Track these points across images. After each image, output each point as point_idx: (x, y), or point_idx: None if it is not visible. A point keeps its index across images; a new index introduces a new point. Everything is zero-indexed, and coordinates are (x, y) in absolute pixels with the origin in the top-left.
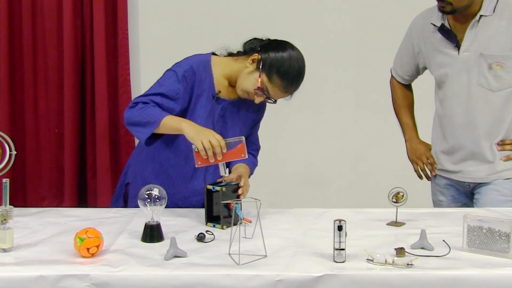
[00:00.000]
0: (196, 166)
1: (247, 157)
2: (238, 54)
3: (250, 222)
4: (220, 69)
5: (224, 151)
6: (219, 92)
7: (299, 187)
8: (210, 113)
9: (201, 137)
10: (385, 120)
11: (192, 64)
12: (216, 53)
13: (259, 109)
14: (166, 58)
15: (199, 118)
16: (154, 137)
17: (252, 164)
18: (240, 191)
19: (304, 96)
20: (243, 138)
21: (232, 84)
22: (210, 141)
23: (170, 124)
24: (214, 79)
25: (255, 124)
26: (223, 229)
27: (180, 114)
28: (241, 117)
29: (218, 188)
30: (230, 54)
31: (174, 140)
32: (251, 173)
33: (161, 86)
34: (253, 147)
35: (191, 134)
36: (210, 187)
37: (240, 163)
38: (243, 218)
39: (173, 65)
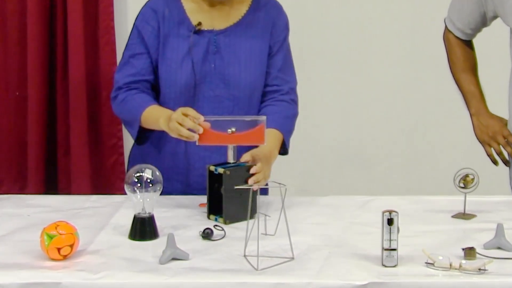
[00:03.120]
0: (197, 143)
1: (265, 144)
2: None
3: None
4: None
5: (199, 120)
6: (199, 23)
7: (336, 167)
8: (187, 53)
9: (170, 126)
10: (450, 81)
11: (151, 5)
12: None
13: (273, 29)
14: None
15: (172, 63)
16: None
17: (286, 119)
18: (250, 181)
19: (343, 49)
20: (264, 119)
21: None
22: (177, 122)
23: (150, 122)
24: (187, 10)
25: (274, 50)
26: (226, 224)
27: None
28: (244, 47)
29: (221, 170)
30: None
31: None
32: (286, 139)
33: (129, 49)
34: (284, 88)
35: (166, 129)
36: (212, 168)
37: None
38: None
39: (138, 14)
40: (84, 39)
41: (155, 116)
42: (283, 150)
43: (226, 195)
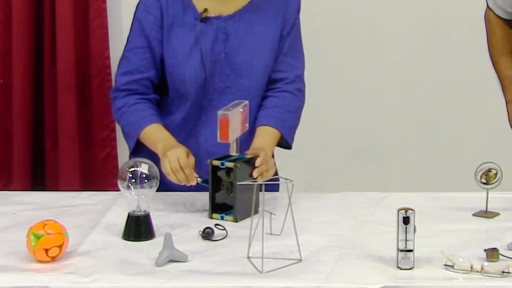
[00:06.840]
0: (219, 140)
1: (247, 128)
2: None
3: None
4: None
5: (189, 173)
6: (205, 10)
7: (348, 161)
8: (195, 44)
9: (163, 162)
10: (467, 70)
11: None
12: None
13: (285, 11)
14: None
15: (180, 55)
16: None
17: (287, 114)
18: (255, 173)
19: (355, 30)
20: (247, 103)
21: None
22: (178, 160)
23: (148, 143)
24: None
25: (284, 33)
26: (236, 222)
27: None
28: (255, 33)
29: (229, 163)
30: None
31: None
32: (288, 135)
33: (128, 42)
34: (289, 76)
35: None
36: (217, 162)
37: (262, 125)
38: None
39: (137, 4)
40: (73, 22)
41: (153, 140)
42: (286, 145)
43: (238, 190)
